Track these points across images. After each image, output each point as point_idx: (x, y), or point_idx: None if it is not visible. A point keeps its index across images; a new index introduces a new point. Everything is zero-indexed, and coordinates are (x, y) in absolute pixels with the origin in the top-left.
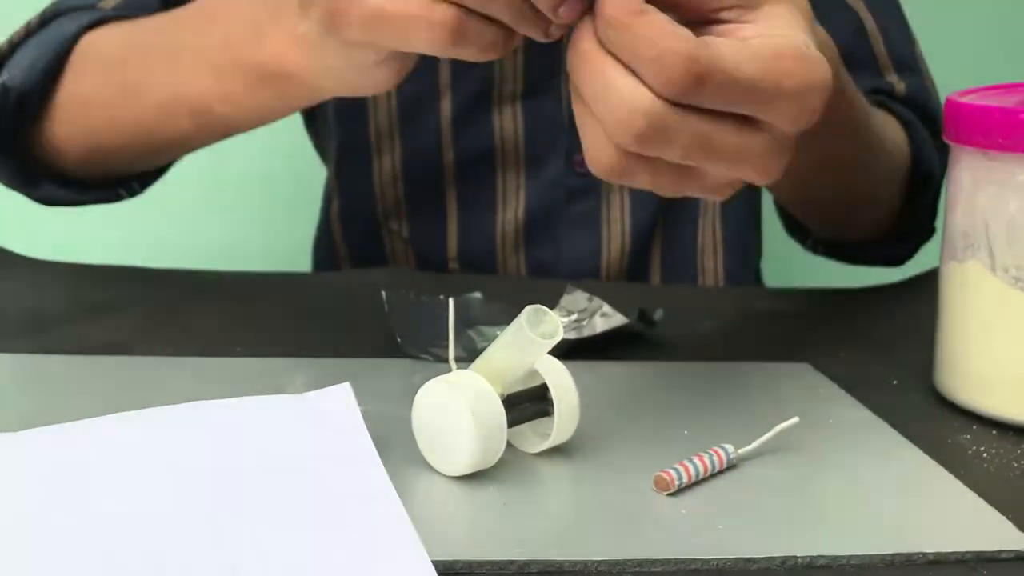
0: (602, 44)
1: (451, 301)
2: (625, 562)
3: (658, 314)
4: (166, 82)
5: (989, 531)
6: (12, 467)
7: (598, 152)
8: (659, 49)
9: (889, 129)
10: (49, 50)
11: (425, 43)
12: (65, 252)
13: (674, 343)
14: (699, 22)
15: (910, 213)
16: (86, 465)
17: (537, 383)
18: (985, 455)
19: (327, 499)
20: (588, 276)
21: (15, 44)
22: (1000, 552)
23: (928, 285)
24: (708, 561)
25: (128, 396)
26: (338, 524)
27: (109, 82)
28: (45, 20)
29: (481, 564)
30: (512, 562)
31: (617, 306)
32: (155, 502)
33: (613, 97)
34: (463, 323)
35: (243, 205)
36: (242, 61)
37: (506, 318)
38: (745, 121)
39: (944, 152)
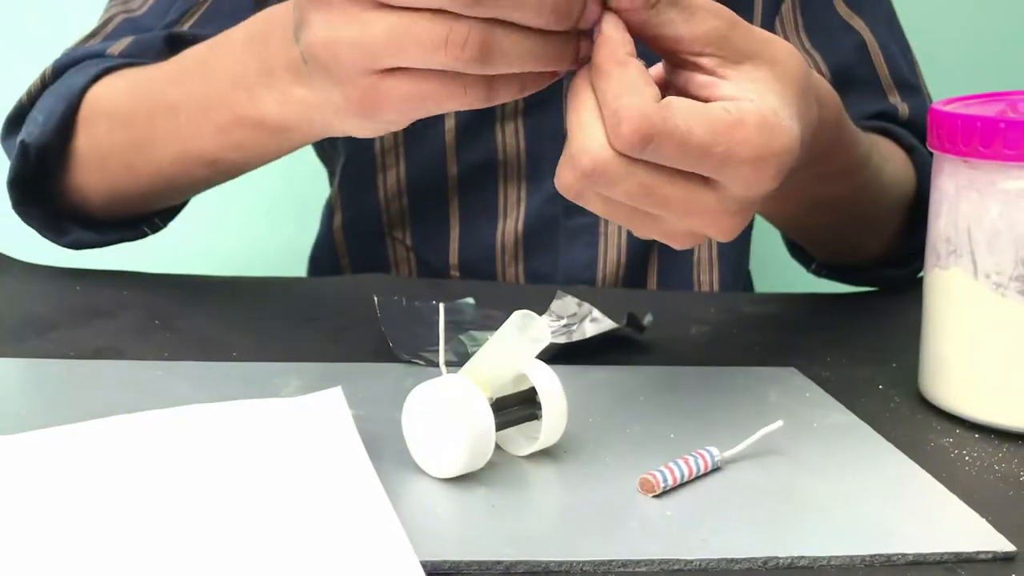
0: (587, 76)
1: (441, 306)
2: (610, 562)
3: (647, 319)
4: (174, 138)
5: (968, 532)
6: (7, 469)
7: (560, 170)
8: (618, 104)
9: (891, 161)
10: (60, 105)
11: (459, 101)
12: (64, 257)
13: (662, 347)
14: (681, 64)
15: (914, 237)
16: (80, 467)
17: (526, 387)
18: (967, 458)
19: (318, 501)
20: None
21: (33, 97)
22: (978, 553)
23: (913, 292)
24: (692, 562)
25: (122, 400)
26: (328, 525)
27: (120, 136)
28: (57, 71)
29: (469, 564)
30: (499, 562)
31: (607, 311)
32: (148, 504)
33: (574, 131)
34: (455, 328)
35: (238, 212)
36: (242, 118)
37: (497, 324)
38: (698, 178)
39: None
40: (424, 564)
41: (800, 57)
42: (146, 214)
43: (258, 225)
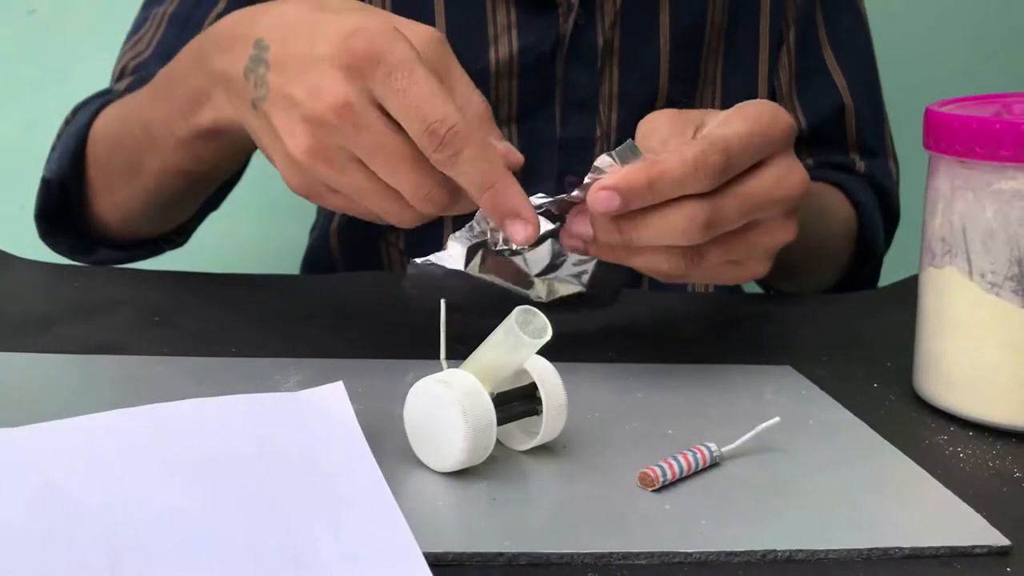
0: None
1: (443, 302)
2: (611, 555)
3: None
4: (151, 155)
5: (964, 527)
6: (8, 461)
7: (667, 265)
8: (692, 158)
9: (839, 211)
10: (71, 141)
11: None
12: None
13: (659, 345)
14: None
15: (853, 277)
16: (82, 460)
17: (526, 382)
18: (962, 455)
19: (321, 494)
20: None
21: (60, 135)
22: (974, 547)
23: (908, 291)
24: (691, 554)
25: (123, 395)
26: (332, 518)
27: (116, 159)
28: (75, 111)
29: (471, 556)
30: (501, 554)
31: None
32: (149, 497)
33: (668, 225)
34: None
35: (232, 212)
36: (195, 127)
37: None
38: (757, 164)
39: (892, 223)
40: (427, 556)
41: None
42: (164, 232)
43: (251, 225)
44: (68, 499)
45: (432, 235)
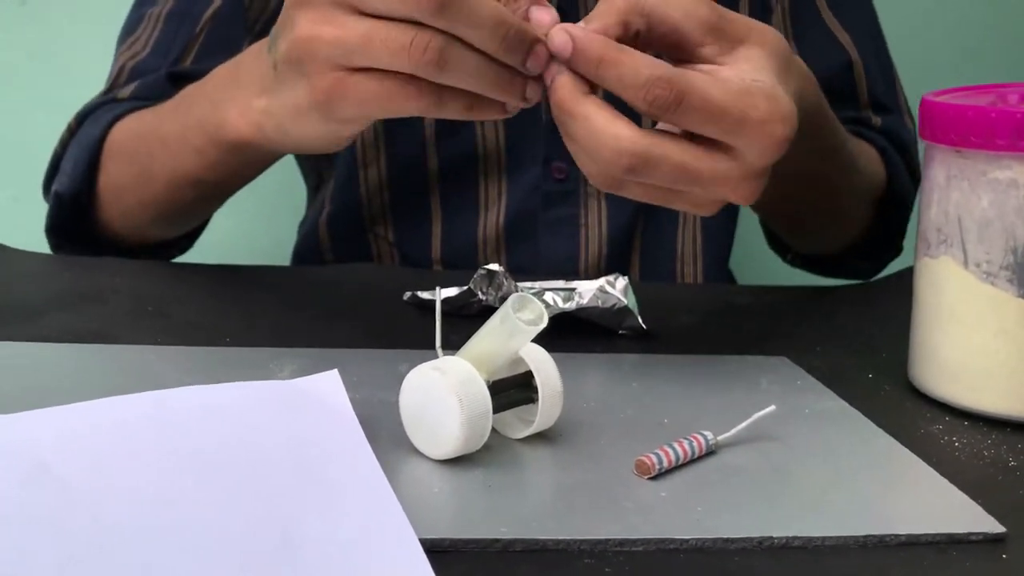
0: (579, 90)
1: (439, 289)
2: (607, 541)
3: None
4: (166, 165)
5: (960, 515)
6: (2, 448)
7: (596, 176)
8: (646, 76)
9: (864, 154)
10: (83, 155)
11: (415, 103)
12: None
13: (654, 335)
14: (678, 61)
15: (881, 231)
16: (73, 445)
17: (522, 370)
18: (957, 444)
19: (317, 481)
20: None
21: (65, 145)
22: (969, 534)
23: (903, 282)
24: (687, 541)
25: (115, 384)
26: (329, 505)
27: (128, 172)
28: (80, 120)
29: (467, 543)
30: (497, 540)
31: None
32: (144, 484)
33: (600, 140)
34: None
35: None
36: (212, 136)
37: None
38: (719, 151)
39: (916, 182)
40: (423, 542)
41: (781, 36)
42: (173, 237)
43: (241, 219)
44: (59, 482)
45: (420, 230)
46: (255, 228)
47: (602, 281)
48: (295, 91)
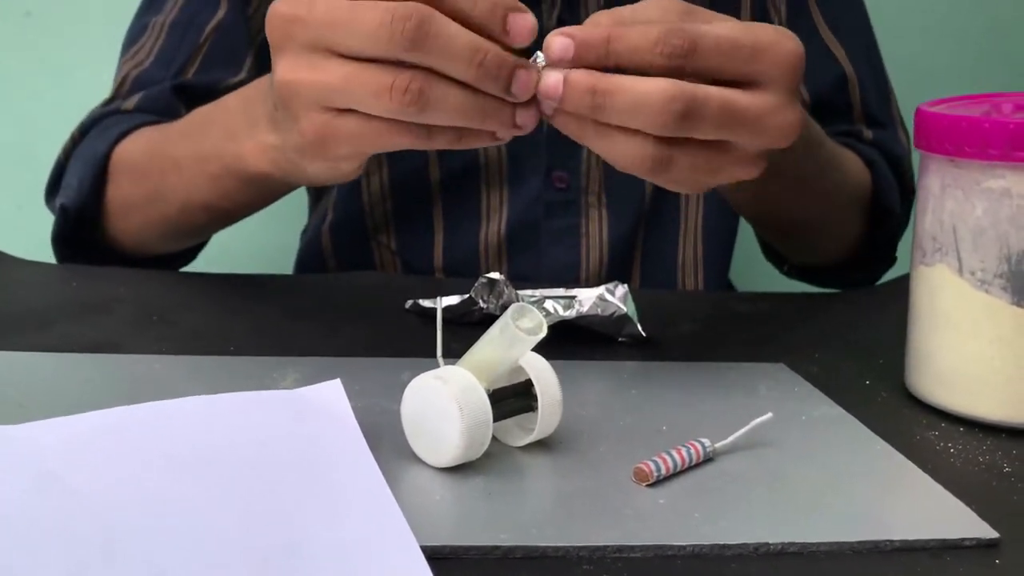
0: (598, 72)
1: (440, 299)
2: (605, 548)
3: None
4: (179, 189)
5: (954, 520)
6: (7, 456)
7: (636, 154)
8: (656, 32)
9: (853, 166)
10: (89, 170)
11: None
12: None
13: (653, 343)
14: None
15: (870, 242)
16: (80, 454)
17: (522, 379)
18: (952, 450)
19: (321, 489)
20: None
21: (68, 154)
22: (963, 540)
23: (899, 289)
24: (685, 547)
25: (120, 394)
26: (330, 512)
27: (138, 190)
28: (84, 131)
29: (467, 549)
30: (497, 547)
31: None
32: (147, 491)
33: (647, 97)
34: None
35: None
36: (229, 167)
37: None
38: (746, 87)
39: (907, 194)
40: (424, 549)
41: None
42: (178, 251)
43: (243, 227)
44: (66, 490)
45: (423, 239)
46: (257, 234)
47: (602, 289)
48: (291, 132)
